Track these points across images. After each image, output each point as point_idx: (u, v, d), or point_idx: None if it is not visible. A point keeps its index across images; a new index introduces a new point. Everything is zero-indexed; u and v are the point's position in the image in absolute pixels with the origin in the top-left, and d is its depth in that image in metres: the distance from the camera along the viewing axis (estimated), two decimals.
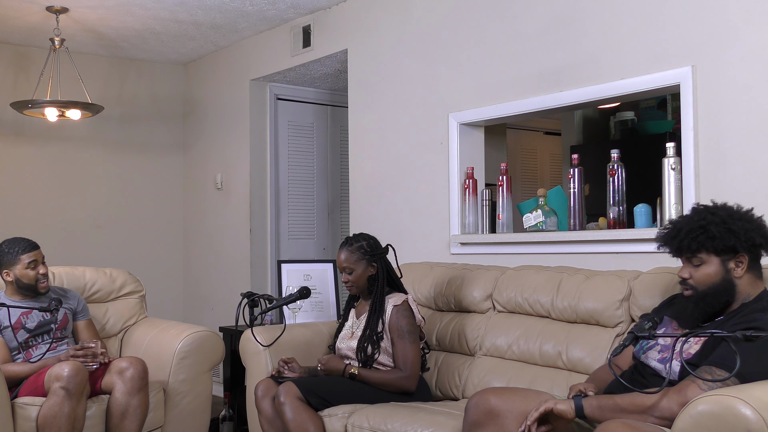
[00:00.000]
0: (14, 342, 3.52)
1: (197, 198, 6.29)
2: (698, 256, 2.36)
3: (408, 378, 3.20)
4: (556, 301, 3.21)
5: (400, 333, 3.22)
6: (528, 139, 6.82)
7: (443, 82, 4.20)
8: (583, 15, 3.53)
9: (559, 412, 2.29)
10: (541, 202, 3.66)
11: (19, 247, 3.58)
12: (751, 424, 1.86)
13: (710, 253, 2.34)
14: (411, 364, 3.20)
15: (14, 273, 3.58)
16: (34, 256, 3.59)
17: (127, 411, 3.38)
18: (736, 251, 2.32)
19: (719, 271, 2.34)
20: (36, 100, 5.00)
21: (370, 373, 3.22)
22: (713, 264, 2.34)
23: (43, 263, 3.64)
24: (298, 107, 5.95)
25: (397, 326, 3.23)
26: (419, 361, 3.25)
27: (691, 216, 2.41)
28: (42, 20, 5.07)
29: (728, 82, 3.01)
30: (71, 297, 3.79)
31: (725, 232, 2.31)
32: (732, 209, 2.39)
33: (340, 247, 3.40)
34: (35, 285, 3.60)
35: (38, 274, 3.59)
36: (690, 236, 2.35)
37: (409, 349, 3.21)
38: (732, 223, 2.32)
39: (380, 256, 3.36)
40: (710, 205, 2.42)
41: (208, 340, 3.78)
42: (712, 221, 2.33)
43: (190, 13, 5.04)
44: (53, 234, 5.76)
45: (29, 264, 3.57)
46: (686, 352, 2.30)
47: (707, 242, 2.33)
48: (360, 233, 3.45)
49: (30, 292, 3.61)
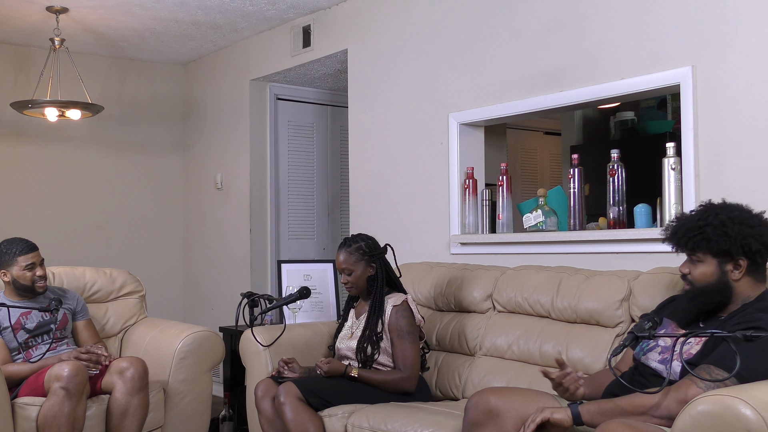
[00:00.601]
0: (14, 342, 3.52)
1: (197, 198, 6.29)
2: (697, 254, 2.36)
3: (408, 378, 3.20)
4: (556, 301, 3.21)
5: (400, 333, 3.22)
6: (528, 139, 6.82)
7: (443, 82, 4.20)
8: (583, 15, 3.53)
9: (555, 421, 2.28)
10: (541, 202, 3.66)
11: (17, 248, 3.57)
12: (751, 424, 1.86)
13: (707, 254, 2.34)
14: (411, 365, 3.20)
15: (11, 274, 3.58)
16: (32, 258, 3.58)
17: (127, 411, 3.38)
18: (733, 256, 2.31)
19: (715, 271, 2.34)
20: (36, 100, 5.00)
21: (370, 374, 3.22)
22: (710, 264, 2.34)
23: (41, 265, 3.63)
24: (298, 107, 5.95)
25: (397, 326, 3.23)
26: (419, 361, 3.25)
27: (695, 214, 2.40)
28: (42, 20, 5.07)
29: (728, 82, 3.01)
30: (70, 297, 3.78)
31: (721, 236, 2.30)
32: (738, 211, 2.35)
33: (339, 248, 3.40)
34: (32, 286, 3.59)
35: (35, 275, 3.58)
36: (687, 235, 2.36)
37: (408, 350, 3.21)
38: (730, 227, 2.30)
39: (379, 257, 3.36)
40: (717, 205, 2.39)
41: (208, 340, 3.78)
42: (711, 223, 2.32)
43: (190, 13, 5.04)
44: (53, 234, 5.76)
45: (26, 266, 3.56)
46: (687, 352, 2.30)
47: (702, 243, 2.33)
48: (358, 234, 3.45)
49: (27, 293, 3.61)
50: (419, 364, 3.25)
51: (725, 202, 2.41)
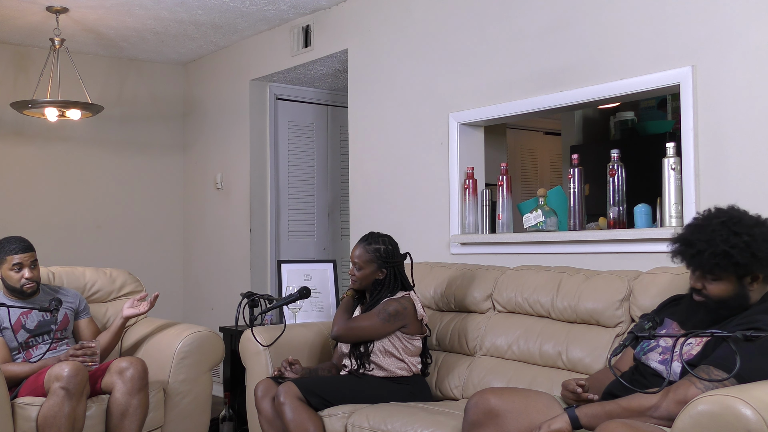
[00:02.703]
0: (14, 342, 3.52)
1: (197, 198, 6.29)
2: (716, 273, 2.29)
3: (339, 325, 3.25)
4: (556, 301, 3.21)
5: (380, 308, 3.22)
6: (528, 139, 6.83)
7: (443, 82, 4.20)
8: (583, 15, 3.53)
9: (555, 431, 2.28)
10: (541, 202, 3.66)
11: (9, 247, 3.54)
12: (751, 424, 1.86)
13: (730, 275, 2.27)
14: (355, 327, 3.23)
15: (2, 274, 3.56)
16: (21, 258, 3.53)
17: (127, 411, 3.37)
18: (756, 272, 2.28)
19: (735, 287, 2.29)
20: (36, 100, 5.00)
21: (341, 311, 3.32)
22: (731, 282, 2.29)
23: (32, 267, 3.57)
24: (298, 107, 5.95)
25: (383, 304, 3.24)
26: (364, 334, 3.23)
27: (711, 234, 2.27)
28: (42, 20, 5.07)
29: (728, 82, 3.01)
30: (71, 296, 3.78)
31: (749, 258, 2.23)
32: (757, 226, 2.27)
33: (359, 241, 3.37)
34: (19, 288, 3.55)
35: (22, 278, 3.54)
36: (712, 261, 2.26)
37: (367, 318, 3.23)
38: (757, 248, 2.23)
39: (394, 265, 3.34)
40: (732, 219, 2.29)
41: (208, 340, 3.78)
42: (736, 245, 2.23)
43: (190, 13, 5.04)
44: (53, 234, 5.76)
45: (14, 265, 3.53)
46: (688, 353, 2.30)
47: (730, 267, 2.25)
48: (383, 235, 3.40)
49: (17, 294, 3.58)
50: (360, 335, 3.23)
51: (737, 212, 2.32)
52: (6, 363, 3.44)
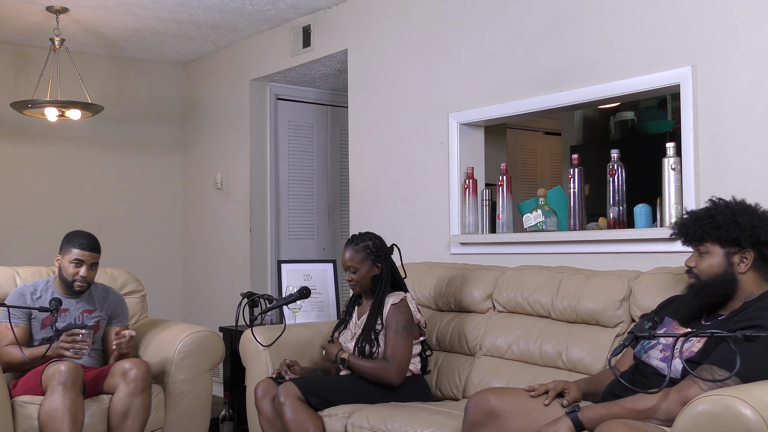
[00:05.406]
0: (40, 334, 3.57)
1: (197, 198, 6.29)
2: (704, 245, 2.39)
3: (393, 370, 3.17)
4: (556, 301, 3.21)
5: (396, 328, 3.21)
6: (528, 139, 6.83)
7: (443, 82, 4.20)
8: (582, 15, 3.53)
9: None
10: (541, 202, 3.66)
11: (77, 241, 3.59)
12: (751, 424, 1.86)
13: (715, 243, 2.37)
14: (399, 358, 3.18)
15: (62, 262, 3.62)
16: (84, 256, 3.58)
17: (130, 411, 3.38)
18: (741, 245, 2.33)
19: (722, 263, 2.36)
20: (36, 100, 5.00)
21: (359, 361, 3.22)
22: (717, 255, 2.36)
23: (91, 267, 3.61)
24: (298, 107, 5.95)
25: (393, 321, 3.22)
26: (408, 357, 3.22)
27: (704, 208, 2.45)
28: (42, 20, 5.07)
29: (728, 82, 3.01)
30: (110, 301, 3.77)
31: (731, 224, 2.34)
32: (748, 206, 2.41)
33: (346, 245, 3.38)
34: (71, 282, 3.60)
35: (77, 274, 3.58)
36: (697, 224, 2.39)
37: (400, 344, 3.19)
38: (740, 216, 2.35)
39: (385, 257, 3.36)
40: (729, 200, 2.44)
41: (208, 340, 3.78)
42: (721, 212, 2.37)
43: (190, 13, 5.04)
44: (53, 234, 5.70)
45: (74, 260, 3.58)
46: (688, 350, 2.30)
47: (712, 231, 2.36)
48: (366, 232, 3.43)
49: (67, 288, 3.62)
50: (408, 359, 3.22)
51: (734, 198, 2.44)
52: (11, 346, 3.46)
